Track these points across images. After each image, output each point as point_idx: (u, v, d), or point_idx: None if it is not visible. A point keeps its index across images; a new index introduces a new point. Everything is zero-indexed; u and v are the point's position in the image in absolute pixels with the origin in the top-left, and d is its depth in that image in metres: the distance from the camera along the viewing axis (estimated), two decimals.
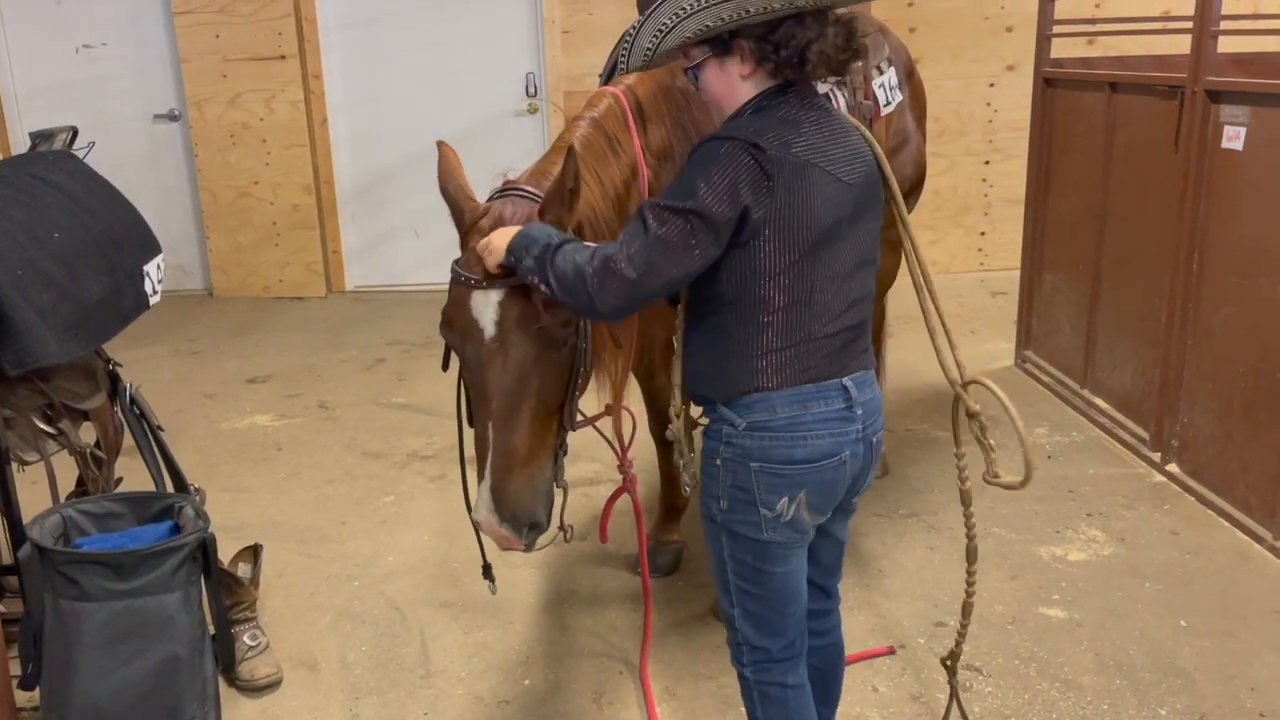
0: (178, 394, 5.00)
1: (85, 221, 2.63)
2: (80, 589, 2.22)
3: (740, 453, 1.80)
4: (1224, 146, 3.45)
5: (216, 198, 6.66)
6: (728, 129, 1.75)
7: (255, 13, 6.32)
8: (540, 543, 2.06)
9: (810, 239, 1.74)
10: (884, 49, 3.41)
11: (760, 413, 1.79)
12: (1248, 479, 3.39)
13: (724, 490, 1.84)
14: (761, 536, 1.84)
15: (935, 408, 4.51)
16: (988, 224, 6.71)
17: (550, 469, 2.05)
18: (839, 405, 1.82)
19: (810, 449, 1.79)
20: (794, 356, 1.78)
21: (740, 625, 1.94)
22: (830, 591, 2.14)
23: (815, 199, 1.73)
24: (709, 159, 1.71)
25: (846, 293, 1.82)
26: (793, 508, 1.81)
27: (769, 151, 1.69)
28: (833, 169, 1.76)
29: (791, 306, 1.76)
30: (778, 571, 1.88)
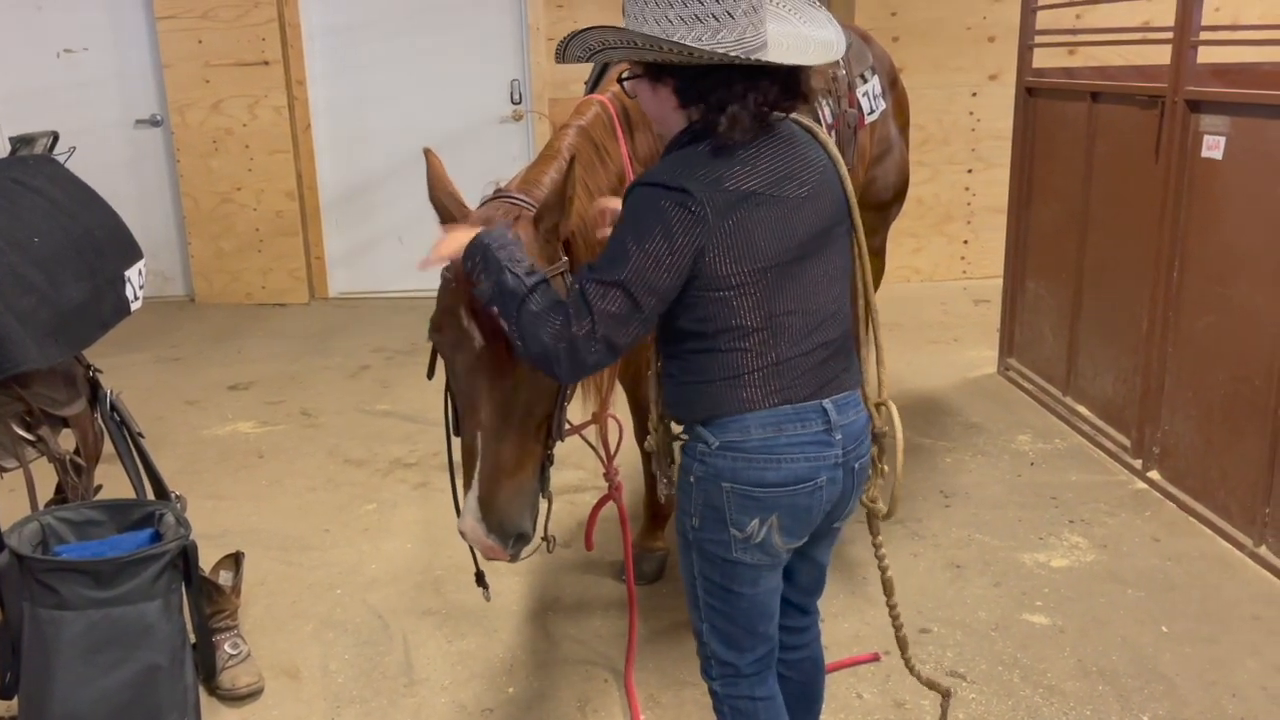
0: (159, 401, 4.96)
1: (65, 226, 2.61)
2: (59, 597, 2.20)
3: (713, 471, 1.77)
4: (1204, 156, 3.48)
5: (199, 204, 6.63)
6: (656, 173, 1.70)
7: (238, 18, 6.30)
8: (524, 552, 2.05)
9: (764, 263, 1.69)
10: (868, 58, 3.43)
11: (734, 433, 1.75)
12: (1228, 486, 3.42)
13: (696, 508, 1.81)
14: (731, 556, 1.81)
15: (919, 414, 4.53)
16: (970, 232, 6.74)
17: (537, 479, 2.04)
18: (817, 428, 1.77)
19: (784, 473, 1.75)
20: (767, 378, 1.74)
21: (709, 640, 1.92)
22: (807, 609, 2.11)
23: (758, 226, 1.68)
24: (640, 215, 1.66)
25: (817, 309, 1.77)
26: (764, 530, 1.78)
27: (697, 195, 1.63)
28: (778, 190, 1.70)
29: (761, 330, 1.72)
30: (745, 593, 1.85)
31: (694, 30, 1.61)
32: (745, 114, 1.66)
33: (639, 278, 1.64)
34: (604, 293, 1.65)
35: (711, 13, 1.60)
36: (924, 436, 4.30)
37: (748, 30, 1.63)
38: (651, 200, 1.66)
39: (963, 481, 3.89)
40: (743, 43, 1.62)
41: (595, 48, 1.72)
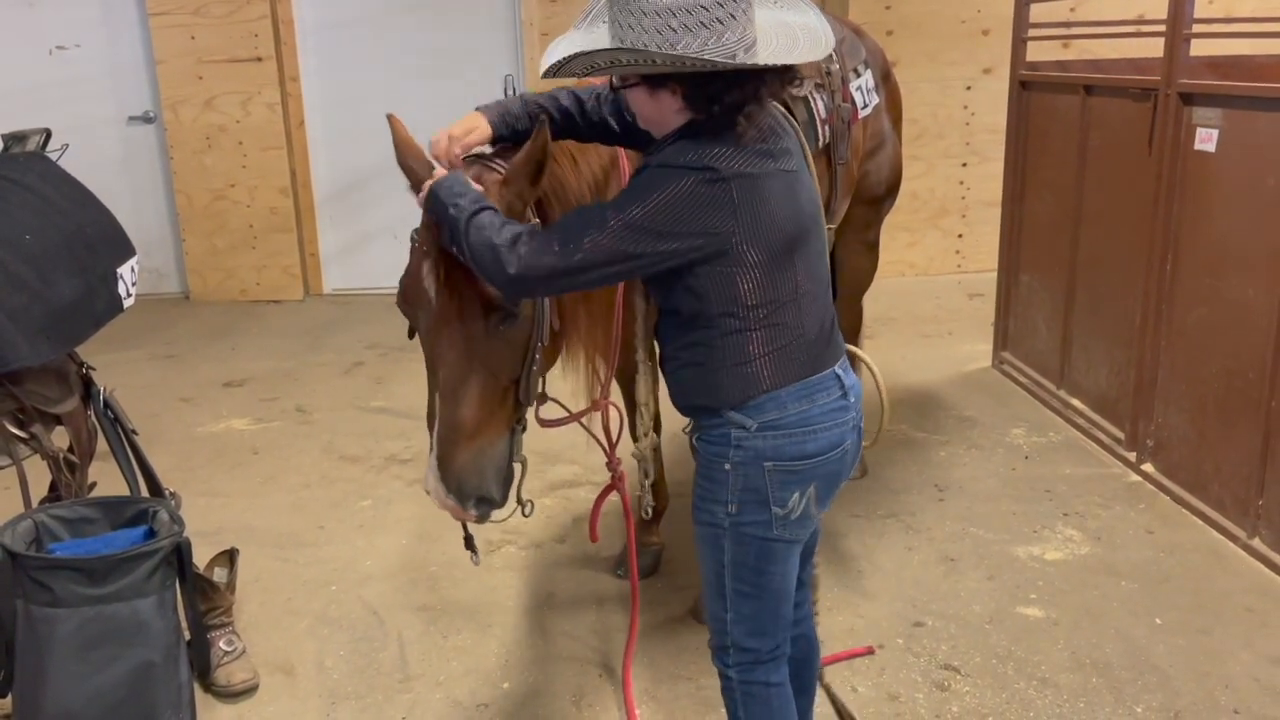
0: (153, 398, 4.96)
1: (57, 223, 2.60)
2: (53, 594, 2.20)
3: (753, 454, 1.80)
4: (1196, 148, 3.48)
5: (192, 200, 6.61)
6: (675, 154, 1.69)
7: (231, 14, 6.29)
8: (498, 515, 2.04)
9: (784, 238, 1.74)
10: (860, 52, 3.42)
11: (771, 412, 1.79)
12: (1221, 478, 3.42)
13: (733, 495, 1.83)
14: (770, 535, 1.85)
15: (913, 408, 4.53)
16: (965, 226, 6.74)
17: (504, 444, 2.01)
18: (836, 394, 1.84)
19: (820, 441, 1.82)
20: (796, 352, 1.79)
21: (731, 629, 1.94)
22: (803, 581, 2.13)
23: (774, 200, 1.72)
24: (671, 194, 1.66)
25: (821, 280, 1.85)
26: (803, 502, 1.83)
27: (723, 172, 1.66)
28: (780, 164, 1.75)
29: (786, 304, 1.76)
30: (777, 570, 1.89)
31: (699, 37, 1.60)
32: (759, 111, 1.71)
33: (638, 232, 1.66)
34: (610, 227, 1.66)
35: (716, 18, 1.60)
36: (918, 430, 4.31)
37: (746, 29, 1.64)
38: (681, 183, 1.66)
39: (957, 475, 3.90)
40: (744, 41, 1.64)
41: (601, 66, 1.71)
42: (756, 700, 1.97)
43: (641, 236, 1.67)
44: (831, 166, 3.12)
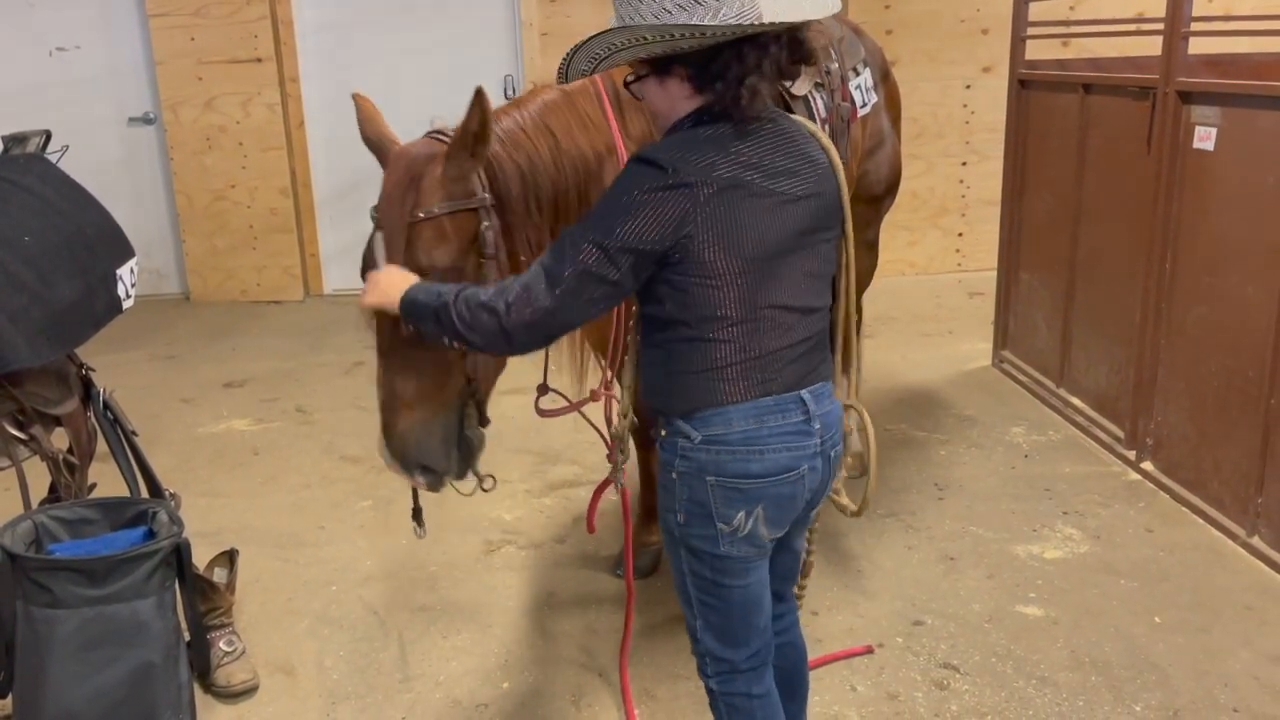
0: (154, 399, 4.96)
1: (57, 225, 2.61)
2: (52, 595, 2.20)
3: (696, 466, 1.78)
4: (1195, 147, 3.48)
5: (193, 201, 6.62)
6: (657, 153, 1.69)
7: (231, 15, 6.29)
8: (464, 488, 2.08)
9: (751, 254, 1.70)
10: (860, 51, 3.43)
11: (716, 427, 1.76)
12: (1221, 476, 3.42)
13: (680, 504, 1.82)
14: (719, 550, 1.82)
15: (913, 408, 4.53)
16: (965, 225, 6.74)
17: (450, 416, 2.03)
18: (797, 419, 1.79)
19: (767, 463, 1.77)
20: (749, 370, 1.75)
21: (703, 637, 1.93)
22: (784, 596, 2.11)
23: (748, 216, 1.68)
24: (628, 191, 1.67)
25: (800, 304, 1.79)
26: (750, 522, 1.79)
27: (688, 178, 1.64)
28: (772, 183, 1.71)
29: (744, 322, 1.73)
30: (737, 585, 1.86)
31: (695, 14, 1.60)
32: (764, 84, 1.67)
33: (619, 243, 1.65)
34: (582, 250, 1.66)
35: None
36: (918, 429, 4.31)
37: (745, 4, 1.62)
38: (643, 175, 1.67)
39: (956, 474, 3.90)
40: (743, 14, 1.61)
41: (601, 55, 1.72)
42: (740, 712, 1.95)
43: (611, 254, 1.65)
44: None
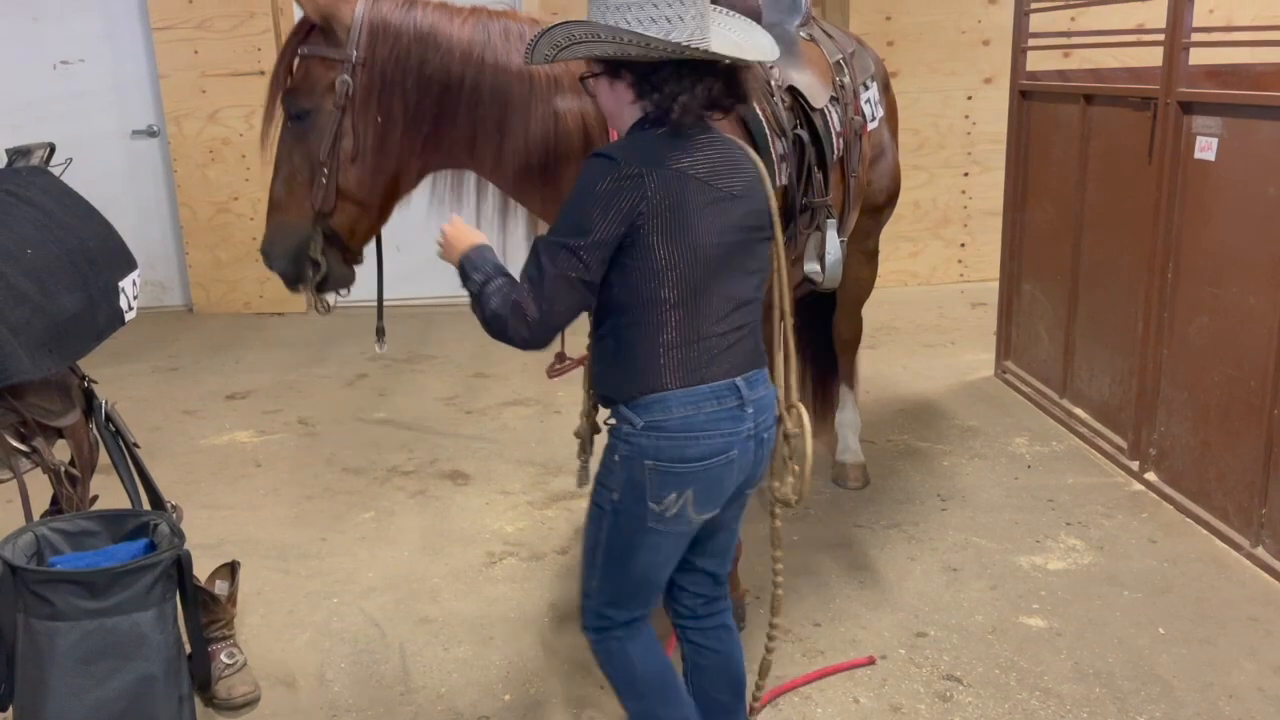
0: (157, 411, 4.97)
1: (59, 237, 2.61)
2: (53, 608, 2.19)
3: (637, 451, 1.93)
4: (1197, 157, 3.48)
5: (196, 213, 6.64)
6: (610, 148, 1.91)
7: (234, 28, 6.32)
8: (326, 302, 2.57)
9: (692, 243, 1.87)
10: (870, 65, 3.45)
11: (657, 413, 1.91)
12: (1225, 487, 3.41)
13: (618, 484, 1.97)
14: (645, 526, 1.97)
15: (915, 419, 4.53)
16: (967, 235, 6.75)
17: (301, 229, 2.37)
18: (731, 404, 1.94)
19: (702, 448, 1.92)
20: (688, 357, 1.90)
21: (595, 596, 2.09)
22: (720, 579, 2.23)
23: (692, 206, 1.87)
24: (591, 186, 1.85)
25: (733, 295, 1.95)
26: (680, 503, 1.94)
27: (644, 167, 1.84)
28: (713, 180, 1.90)
29: (680, 307, 1.88)
30: (645, 558, 2.01)
31: (648, 29, 1.81)
32: (695, 104, 1.88)
33: (589, 240, 1.83)
34: (558, 255, 1.85)
35: (665, 15, 1.81)
36: (920, 440, 4.30)
37: (695, 32, 1.84)
38: (598, 169, 1.85)
39: (959, 484, 3.89)
40: (690, 41, 1.83)
41: (561, 44, 1.90)
42: (615, 656, 2.13)
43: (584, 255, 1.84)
44: (845, 179, 3.13)
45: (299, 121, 2.31)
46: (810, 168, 2.84)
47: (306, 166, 2.32)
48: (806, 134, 2.83)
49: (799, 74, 2.92)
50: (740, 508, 2.14)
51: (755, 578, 3.24)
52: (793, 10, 3.18)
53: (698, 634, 2.24)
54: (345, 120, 2.28)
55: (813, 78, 2.97)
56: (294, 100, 2.31)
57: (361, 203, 2.38)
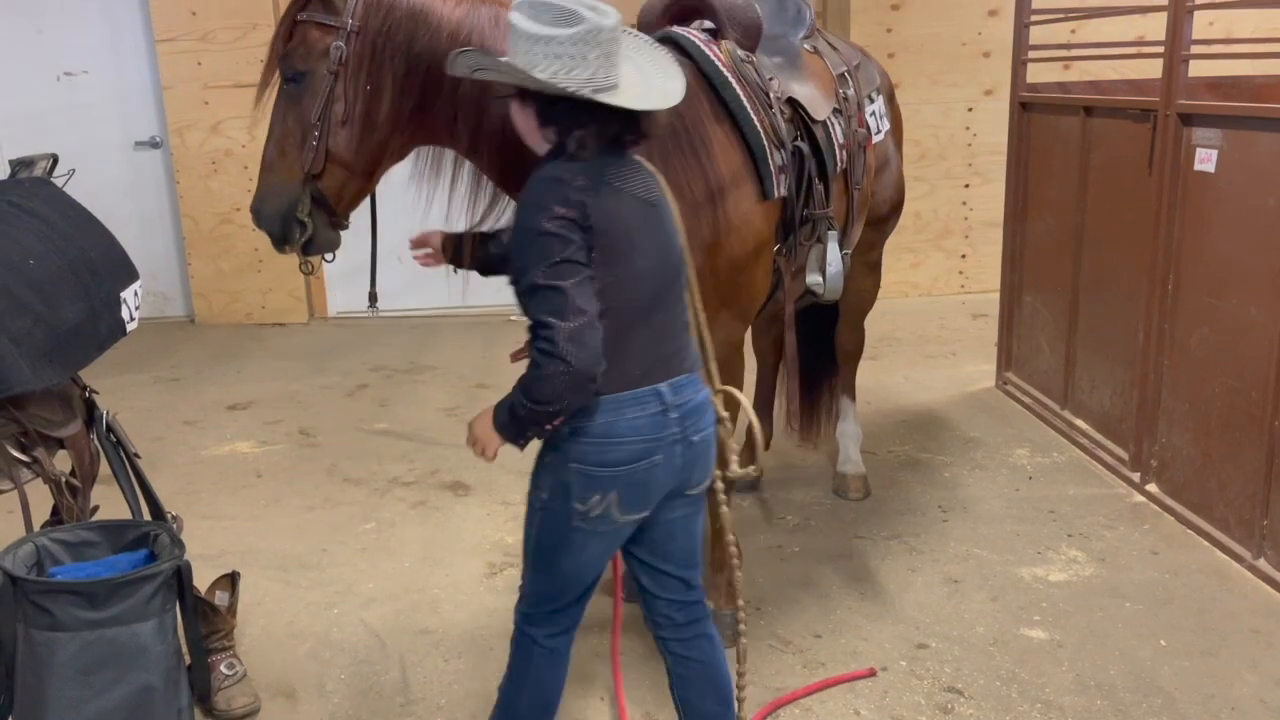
0: (158, 421, 4.97)
1: (61, 248, 2.61)
2: (53, 618, 2.19)
3: (563, 455, 2.00)
4: (1196, 169, 3.49)
5: (198, 224, 6.65)
6: (546, 170, 1.94)
7: (237, 40, 6.34)
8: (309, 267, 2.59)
9: (625, 251, 1.93)
10: (875, 79, 3.46)
11: (580, 418, 1.96)
12: (1226, 498, 3.41)
13: (546, 484, 2.05)
14: (570, 525, 2.03)
15: (917, 429, 4.53)
16: (968, 246, 6.75)
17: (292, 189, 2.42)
18: (654, 410, 1.99)
19: (622, 453, 1.98)
20: (611, 365, 1.92)
21: (528, 586, 2.20)
22: (690, 583, 2.24)
23: (625, 216, 1.94)
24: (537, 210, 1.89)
25: (657, 301, 2.01)
26: (604, 504, 2.00)
27: (582, 184, 1.90)
28: (636, 192, 1.99)
29: (605, 317, 1.90)
30: (571, 559, 2.09)
31: (552, 66, 1.88)
32: (590, 139, 1.93)
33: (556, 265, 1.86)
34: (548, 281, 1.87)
35: (569, 54, 1.87)
36: (921, 451, 4.30)
37: (599, 72, 1.89)
38: (548, 196, 1.89)
39: (960, 496, 3.89)
40: (592, 81, 1.88)
41: (474, 66, 1.99)
42: (519, 649, 2.22)
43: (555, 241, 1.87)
44: (848, 191, 3.13)
45: (294, 84, 2.39)
46: (810, 179, 2.85)
47: (299, 129, 2.40)
48: (807, 146, 2.83)
49: (800, 86, 2.93)
50: (693, 510, 2.18)
51: (756, 590, 3.24)
52: (797, 22, 3.19)
53: (678, 644, 2.27)
54: (338, 85, 2.36)
55: (814, 90, 2.98)
56: (290, 62, 2.39)
57: (348, 166, 2.44)
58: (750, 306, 2.83)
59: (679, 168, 2.55)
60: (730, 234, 2.64)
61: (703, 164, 2.59)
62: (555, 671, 2.24)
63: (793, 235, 2.85)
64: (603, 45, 1.89)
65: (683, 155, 2.57)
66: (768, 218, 2.75)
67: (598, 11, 1.91)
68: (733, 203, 2.64)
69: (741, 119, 2.67)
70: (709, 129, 2.63)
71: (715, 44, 2.75)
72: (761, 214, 2.72)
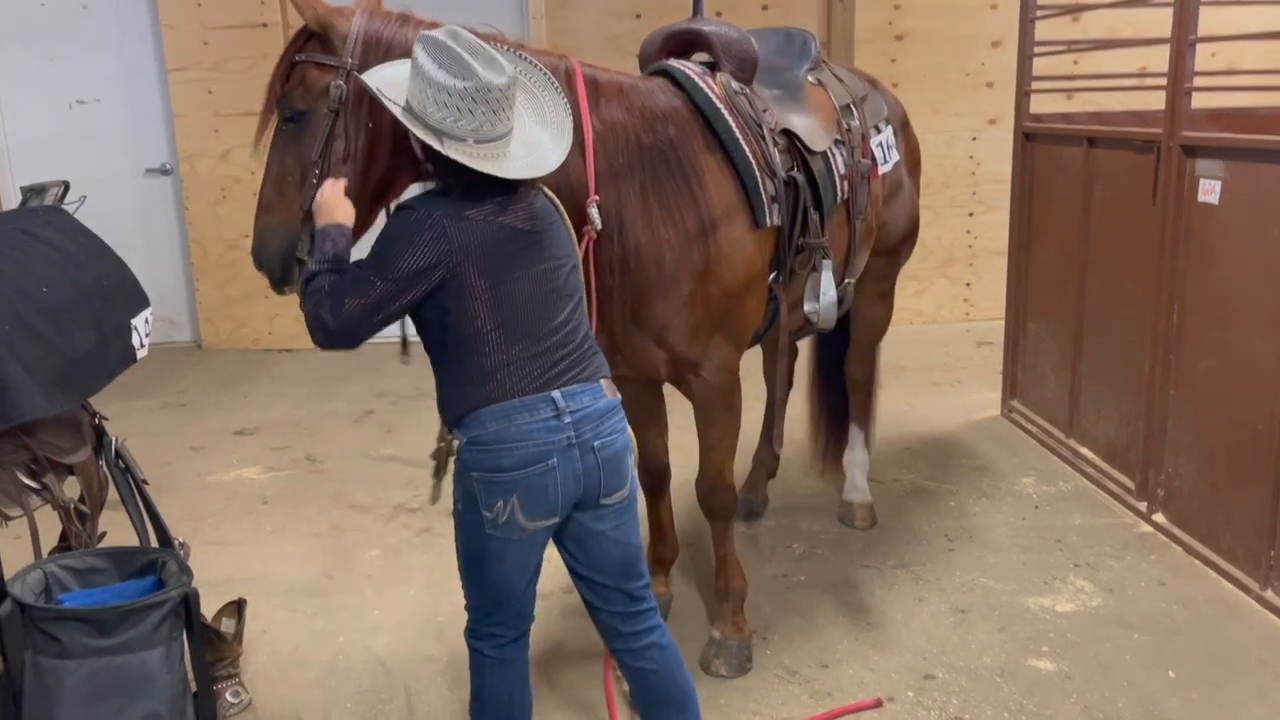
0: (165, 447, 4.98)
1: (73, 275, 2.64)
2: (61, 646, 2.20)
3: (465, 465, 2.12)
4: (1200, 200, 3.51)
5: (207, 250, 6.69)
6: (414, 200, 2.14)
7: (248, 69, 6.40)
8: None
9: (499, 279, 2.06)
10: (882, 109, 3.48)
11: (474, 429, 2.10)
12: (1233, 529, 3.40)
13: (459, 495, 2.16)
14: (484, 533, 2.13)
15: (923, 457, 4.53)
16: (973, 274, 6.78)
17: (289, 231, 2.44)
18: (545, 415, 2.09)
19: (515, 457, 2.08)
20: (501, 378, 2.08)
21: (468, 599, 2.29)
22: (633, 595, 2.31)
23: (495, 246, 2.07)
24: (402, 229, 2.07)
25: (547, 319, 2.13)
26: (507, 510, 2.10)
27: (445, 212, 2.05)
28: (506, 219, 2.10)
29: (494, 334, 2.07)
30: (492, 567, 2.17)
31: (440, 112, 2.02)
32: (461, 183, 2.07)
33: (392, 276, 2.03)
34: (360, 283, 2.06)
35: (456, 105, 2.01)
36: (927, 479, 4.30)
37: (484, 125, 2.03)
38: (413, 221, 2.06)
39: (966, 524, 3.88)
40: (478, 133, 2.03)
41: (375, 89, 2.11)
42: (473, 665, 2.31)
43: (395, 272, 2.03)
44: (850, 220, 3.15)
45: (293, 123, 2.41)
46: (806, 209, 2.87)
47: (298, 168, 2.42)
48: (802, 176, 2.86)
49: (799, 118, 2.97)
50: (622, 521, 2.24)
51: (762, 619, 3.23)
52: (802, 56, 3.23)
53: (627, 655, 2.33)
54: (338, 123, 2.39)
55: (814, 121, 3.01)
56: (289, 102, 2.41)
57: None
58: (743, 332, 2.86)
59: (672, 196, 2.62)
60: (721, 260, 2.69)
61: (694, 193, 2.65)
62: (510, 682, 2.30)
63: (788, 263, 2.87)
64: (490, 103, 2.02)
65: (675, 184, 2.63)
66: (760, 246, 2.78)
67: (492, 68, 2.02)
68: (724, 230, 2.69)
69: (733, 149, 2.71)
70: (701, 159, 2.69)
71: (710, 77, 2.80)
72: (754, 242, 2.76)
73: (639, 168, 2.60)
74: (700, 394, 2.84)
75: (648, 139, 2.61)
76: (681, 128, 2.68)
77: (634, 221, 2.59)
